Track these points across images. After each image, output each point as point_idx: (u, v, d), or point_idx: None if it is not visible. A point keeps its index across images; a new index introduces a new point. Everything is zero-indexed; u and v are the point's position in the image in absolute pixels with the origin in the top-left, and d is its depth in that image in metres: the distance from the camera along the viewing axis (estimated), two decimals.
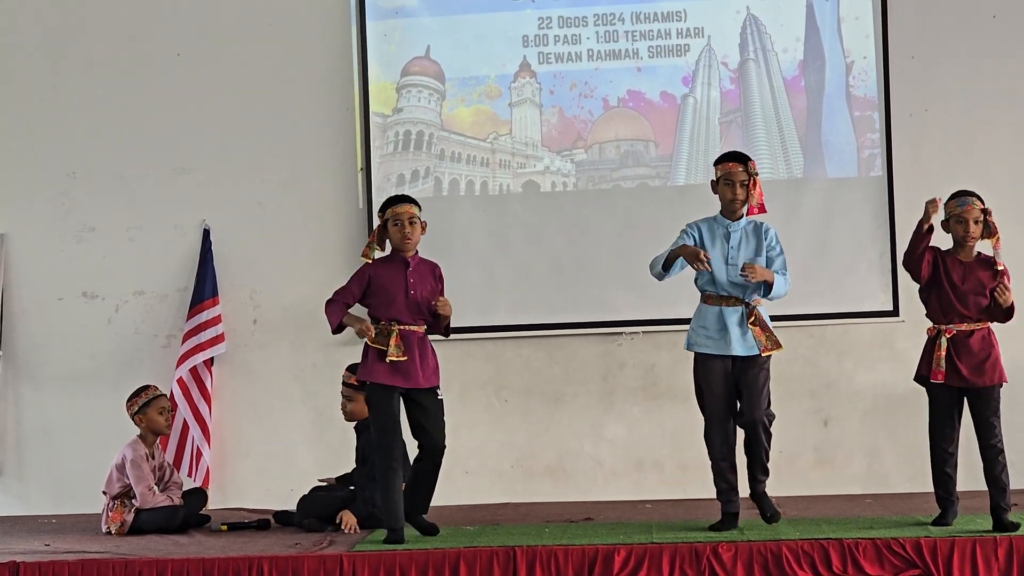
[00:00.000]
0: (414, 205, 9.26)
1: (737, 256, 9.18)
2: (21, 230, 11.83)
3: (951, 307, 9.14)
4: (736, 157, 9.30)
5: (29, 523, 10.89)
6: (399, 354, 9.08)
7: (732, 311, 9.18)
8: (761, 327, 9.13)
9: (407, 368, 9.12)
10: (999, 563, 8.55)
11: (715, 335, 9.21)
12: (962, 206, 9.12)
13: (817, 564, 8.60)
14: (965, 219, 9.10)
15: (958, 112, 11.48)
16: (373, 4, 11.71)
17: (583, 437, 11.63)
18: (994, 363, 9.12)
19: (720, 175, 9.27)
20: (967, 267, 9.17)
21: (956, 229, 9.16)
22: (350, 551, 8.91)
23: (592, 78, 11.70)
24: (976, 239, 9.13)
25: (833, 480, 11.28)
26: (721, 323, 9.19)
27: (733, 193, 9.21)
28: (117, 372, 11.46)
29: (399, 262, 9.27)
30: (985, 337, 9.14)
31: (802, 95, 11.62)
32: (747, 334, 9.14)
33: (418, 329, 9.22)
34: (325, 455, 11.16)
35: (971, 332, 9.11)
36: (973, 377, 9.09)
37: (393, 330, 9.14)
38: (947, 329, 9.12)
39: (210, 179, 11.77)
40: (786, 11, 11.62)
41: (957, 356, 9.09)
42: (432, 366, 9.26)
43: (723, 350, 9.17)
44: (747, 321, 9.14)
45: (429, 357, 9.25)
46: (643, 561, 8.65)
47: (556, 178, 11.73)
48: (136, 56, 11.81)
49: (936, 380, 9.11)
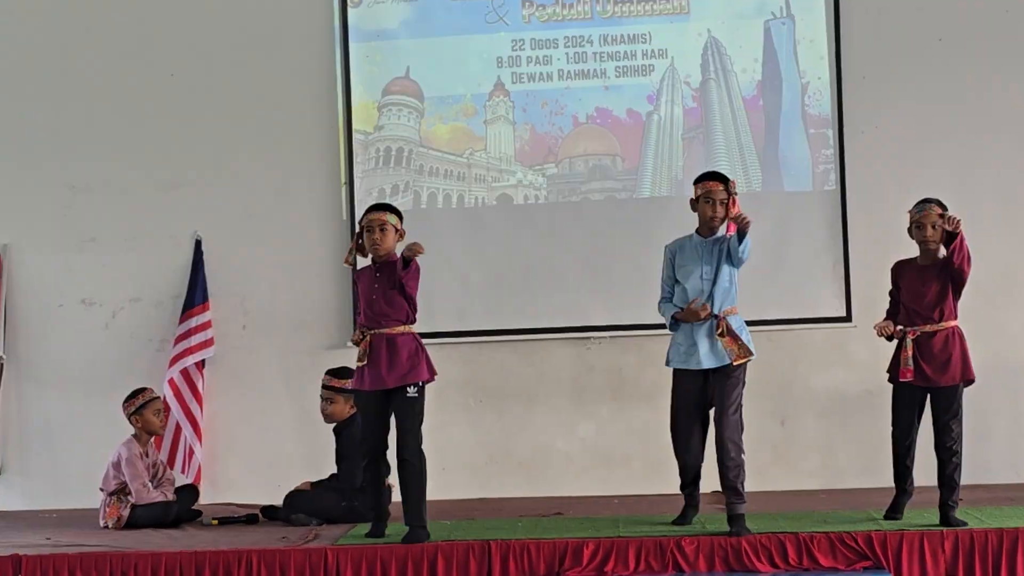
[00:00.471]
0: (387, 212, 9.18)
1: (707, 270, 9.04)
2: (24, 240, 11.78)
3: (914, 312, 9.15)
4: (716, 176, 9.20)
5: (30, 518, 10.87)
6: (363, 358, 9.06)
7: (699, 325, 9.03)
8: (731, 337, 8.99)
9: (373, 372, 9.04)
10: (945, 556, 8.59)
11: (685, 350, 9.11)
12: (920, 212, 9.15)
13: (775, 556, 8.62)
14: (923, 224, 9.10)
15: (906, 129, 11.46)
16: (356, 27, 11.68)
17: (555, 435, 11.59)
18: (957, 363, 9.09)
19: (700, 193, 9.13)
20: (925, 271, 9.17)
21: (916, 234, 9.18)
22: (334, 544, 8.94)
23: (562, 96, 11.67)
24: (936, 242, 9.11)
25: (790, 476, 11.27)
26: (691, 338, 9.07)
27: (713, 211, 9.06)
28: (114, 375, 11.39)
29: (371, 270, 9.21)
30: (948, 338, 9.10)
31: (760, 113, 11.60)
32: (716, 345, 9.00)
33: (387, 330, 9.07)
34: (310, 453, 11.08)
35: (934, 333, 9.08)
36: (936, 376, 9.07)
37: (365, 336, 9.11)
38: (911, 331, 9.09)
39: (202, 192, 11.74)
40: (745, 34, 11.59)
41: (921, 357, 9.09)
42: (404, 366, 9.05)
43: (693, 364, 9.06)
44: (715, 332, 8.99)
45: (401, 356, 9.06)
46: (610, 554, 8.67)
47: (528, 191, 11.69)
48: (132, 77, 11.78)
49: (904, 379, 9.11)
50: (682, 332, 9.11)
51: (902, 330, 9.14)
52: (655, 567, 8.58)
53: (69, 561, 8.79)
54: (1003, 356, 11.12)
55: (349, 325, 11.35)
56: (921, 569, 8.52)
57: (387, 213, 9.15)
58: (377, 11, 11.68)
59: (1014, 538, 8.52)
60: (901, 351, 9.14)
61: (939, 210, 9.05)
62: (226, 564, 8.72)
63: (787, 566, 8.55)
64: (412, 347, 9.11)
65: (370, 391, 9.07)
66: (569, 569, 8.59)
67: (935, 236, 9.06)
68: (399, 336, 9.09)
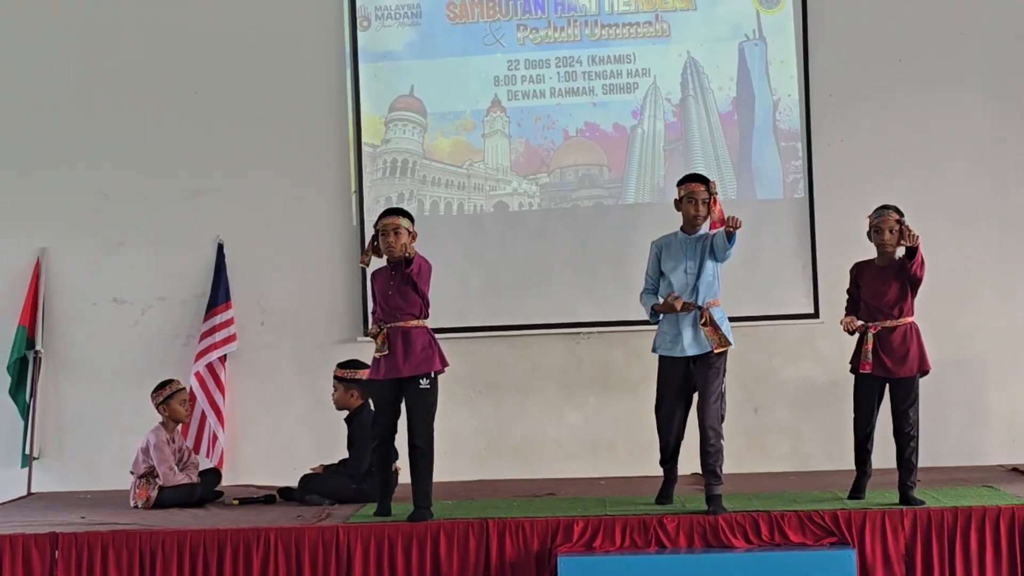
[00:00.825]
0: (400, 216, 9.19)
1: (691, 264, 9.10)
2: (60, 244, 11.78)
3: (875, 309, 9.20)
4: (699, 178, 9.25)
5: (67, 498, 10.83)
6: (383, 350, 9.10)
7: (685, 316, 9.09)
8: (713, 327, 9.04)
9: (390, 361, 9.09)
10: (904, 532, 8.63)
11: (671, 338, 9.15)
12: (879, 217, 9.22)
13: (748, 533, 8.67)
14: (882, 228, 9.17)
15: (869, 142, 11.50)
16: (365, 49, 11.70)
17: (546, 423, 11.63)
18: (914, 356, 9.16)
19: (684, 194, 9.18)
20: (884, 272, 9.23)
21: (874, 238, 9.24)
22: (345, 523, 8.95)
23: (554, 112, 11.70)
24: (893, 246, 9.18)
25: (762, 460, 11.28)
26: (676, 328, 9.12)
27: (696, 210, 9.12)
28: (143, 368, 11.38)
29: (387, 270, 9.26)
30: (906, 333, 9.16)
31: (735, 127, 11.63)
32: (699, 335, 9.05)
33: (403, 324, 9.15)
34: (322, 438, 11.11)
35: (893, 328, 9.14)
36: (895, 368, 9.13)
37: (382, 329, 9.15)
38: (872, 326, 9.16)
39: (223, 200, 11.75)
40: (721, 55, 11.63)
41: (882, 350, 9.14)
42: (418, 356, 9.14)
43: (678, 351, 9.11)
44: (699, 323, 9.06)
45: (415, 348, 9.14)
46: (598, 531, 8.70)
47: (523, 199, 11.73)
48: (160, 94, 11.79)
49: (864, 370, 9.16)
50: (668, 321, 9.14)
51: (864, 325, 9.23)
52: (639, 543, 8.62)
53: (102, 538, 8.80)
54: (956, 351, 11.16)
55: (358, 322, 11.44)
56: (883, 544, 8.57)
57: (400, 217, 9.17)
58: (384, 34, 11.71)
59: (967, 515, 8.59)
60: (862, 345, 9.19)
61: (896, 216, 9.12)
62: (246, 541, 8.74)
63: (760, 542, 8.60)
64: (425, 340, 9.18)
65: (385, 379, 9.14)
66: (560, 545, 8.61)
67: (892, 240, 9.12)
68: (413, 329, 9.16)
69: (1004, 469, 10.75)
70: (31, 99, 11.84)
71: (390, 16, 11.75)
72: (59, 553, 8.79)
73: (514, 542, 8.71)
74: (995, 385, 11.36)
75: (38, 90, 11.85)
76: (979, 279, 11.39)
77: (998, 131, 11.47)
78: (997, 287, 11.39)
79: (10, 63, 11.88)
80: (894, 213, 9.17)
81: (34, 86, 11.85)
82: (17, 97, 11.86)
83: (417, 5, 11.75)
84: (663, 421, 9.29)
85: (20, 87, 11.86)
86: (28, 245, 11.75)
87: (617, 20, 11.69)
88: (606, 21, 11.69)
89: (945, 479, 10.09)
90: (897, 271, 9.17)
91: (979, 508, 8.66)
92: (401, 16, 11.75)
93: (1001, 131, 11.47)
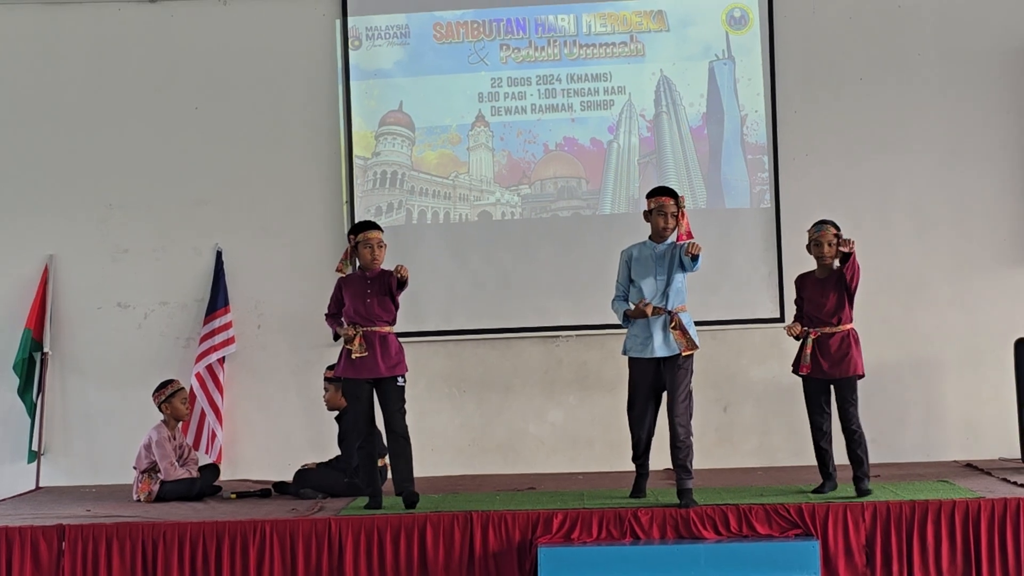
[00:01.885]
0: (380, 231, 9.35)
1: (661, 270, 9.09)
2: (67, 251, 11.74)
3: (815, 316, 9.26)
4: (667, 191, 9.25)
5: (73, 492, 10.84)
6: (361, 351, 9.16)
7: (655, 320, 9.07)
8: (681, 331, 9.03)
9: (369, 362, 9.16)
10: (865, 524, 8.66)
11: (641, 341, 9.14)
12: (818, 232, 9.31)
13: (718, 525, 8.68)
14: (821, 242, 9.26)
15: (832, 155, 11.51)
16: (356, 67, 11.68)
17: (528, 420, 11.61)
18: (850, 360, 9.19)
19: (653, 207, 9.17)
20: (823, 283, 9.29)
21: (814, 251, 9.32)
22: (337, 515, 8.94)
23: (535, 127, 11.70)
24: (831, 258, 9.24)
25: (731, 455, 11.29)
26: (647, 331, 9.10)
27: (664, 222, 9.12)
28: (145, 369, 11.34)
29: (360, 277, 9.34)
30: (844, 339, 9.22)
31: (705, 141, 11.63)
32: (668, 337, 9.04)
33: (379, 329, 9.23)
34: (315, 436, 11.11)
35: (832, 334, 9.18)
36: (832, 371, 9.19)
37: (358, 332, 9.19)
38: (813, 332, 9.18)
39: (222, 209, 11.72)
40: (692, 74, 11.63)
41: (820, 354, 9.19)
42: (394, 359, 9.24)
43: (647, 353, 9.10)
44: (670, 326, 9.05)
45: (391, 351, 9.24)
46: (576, 523, 8.70)
47: (505, 209, 11.70)
48: (162, 109, 11.77)
49: (802, 373, 9.24)
50: (639, 325, 9.11)
51: (806, 331, 9.26)
52: (615, 534, 8.63)
53: (107, 530, 8.80)
54: (916, 353, 11.22)
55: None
56: (844, 536, 8.59)
57: (380, 231, 9.34)
58: (375, 53, 11.69)
59: (924, 509, 8.61)
60: (803, 349, 9.24)
61: (834, 230, 9.22)
62: (243, 532, 8.74)
63: (729, 533, 8.60)
64: (397, 344, 9.32)
65: (364, 379, 9.20)
66: (541, 536, 8.61)
67: (830, 252, 9.20)
68: (388, 334, 9.27)
69: (959, 465, 10.77)
70: (41, 115, 11.80)
71: (380, 36, 11.72)
72: (66, 544, 8.78)
73: (497, 534, 8.70)
74: (952, 385, 11.36)
75: (47, 106, 11.81)
76: (937, 284, 11.39)
77: (954, 144, 11.48)
78: (954, 291, 11.39)
79: (20, 80, 11.84)
80: (832, 228, 9.25)
81: (43, 103, 11.81)
82: (28, 113, 11.81)
83: (406, 26, 11.73)
84: (635, 420, 9.28)
85: (30, 103, 11.82)
86: (37, 252, 11.70)
87: (594, 40, 11.67)
88: (584, 41, 11.67)
89: (904, 474, 10.10)
90: (835, 282, 9.23)
91: (935, 502, 8.68)
92: (391, 36, 11.73)
93: (958, 145, 11.48)
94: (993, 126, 11.45)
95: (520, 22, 11.71)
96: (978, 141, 11.46)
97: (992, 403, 11.13)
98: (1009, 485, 9.41)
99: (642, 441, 9.30)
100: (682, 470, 8.97)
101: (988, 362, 11.17)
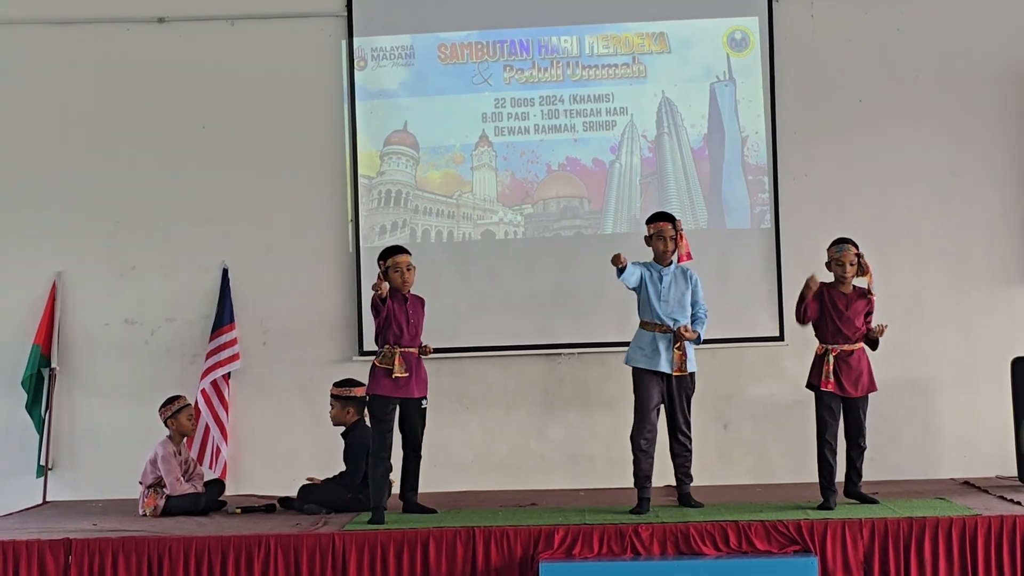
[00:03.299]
0: (409, 255, 9.58)
1: (668, 294, 9.38)
2: (76, 268, 11.74)
3: (837, 331, 9.34)
4: (666, 217, 9.51)
5: (79, 507, 10.81)
6: (403, 371, 9.38)
7: (663, 336, 9.35)
8: (682, 352, 9.30)
9: (406, 382, 9.41)
10: (863, 540, 8.65)
11: (649, 354, 9.35)
12: (840, 251, 9.39)
13: (718, 541, 8.67)
14: (843, 262, 9.36)
15: (832, 176, 11.53)
16: (361, 87, 11.69)
17: (529, 437, 11.61)
18: (867, 377, 9.36)
19: (653, 232, 9.46)
20: (848, 298, 9.37)
21: (836, 270, 9.42)
22: (341, 530, 8.93)
23: (538, 147, 11.71)
24: (852, 277, 9.34)
25: (730, 472, 11.28)
26: (654, 345, 9.34)
27: (665, 246, 9.41)
28: (152, 385, 11.36)
29: (400, 299, 9.50)
30: (860, 356, 9.35)
31: (706, 162, 11.64)
32: (672, 356, 9.31)
33: (414, 350, 9.50)
34: (320, 451, 11.08)
35: (851, 352, 9.28)
36: (852, 389, 9.29)
37: (396, 352, 9.37)
38: (833, 348, 9.23)
39: (228, 227, 11.73)
40: (693, 95, 11.66)
41: (839, 371, 9.27)
42: (423, 380, 9.59)
43: (654, 366, 9.30)
44: (673, 346, 9.28)
45: (421, 372, 9.58)
46: (578, 538, 8.70)
47: (508, 228, 11.72)
48: (169, 128, 11.78)
49: (826, 388, 9.29)
50: (647, 338, 9.38)
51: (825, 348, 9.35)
52: (616, 550, 8.62)
53: (113, 544, 8.79)
54: (912, 373, 11.21)
55: (355, 342, 11.48)
56: (843, 552, 8.58)
57: (409, 256, 9.59)
58: (380, 74, 11.71)
59: (922, 526, 8.61)
60: (823, 365, 9.30)
61: (855, 250, 9.32)
62: (248, 547, 8.73)
63: (728, 549, 8.60)
64: (424, 367, 9.61)
65: (395, 397, 9.42)
66: (542, 552, 8.61)
67: (852, 272, 9.30)
68: (419, 356, 9.55)
69: (956, 483, 10.74)
70: (49, 133, 11.82)
71: (385, 57, 11.75)
72: (72, 558, 8.78)
73: (499, 549, 8.71)
74: (948, 404, 11.37)
75: (55, 124, 11.82)
76: (935, 303, 11.42)
77: (953, 167, 11.51)
78: (952, 311, 11.42)
79: (29, 98, 11.86)
80: (853, 247, 9.36)
81: (52, 121, 11.82)
82: (36, 130, 11.83)
83: (411, 47, 11.76)
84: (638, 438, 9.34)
85: (39, 121, 11.83)
86: (45, 269, 11.71)
87: (597, 62, 11.70)
88: (586, 63, 11.70)
89: (901, 491, 10.09)
90: (858, 298, 9.33)
91: (932, 519, 8.69)
92: (396, 57, 11.76)
93: (955, 167, 11.51)
94: (990, 147, 11.48)
95: (524, 43, 11.75)
96: (975, 162, 11.49)
97: (989, 421, 11.13)
98: (1006, 503, 9.40)
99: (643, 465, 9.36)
100: (687, 476, 9.38)
101: (985, 381, 11.17)
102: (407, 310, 9.49)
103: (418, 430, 9.59)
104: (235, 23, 11.80)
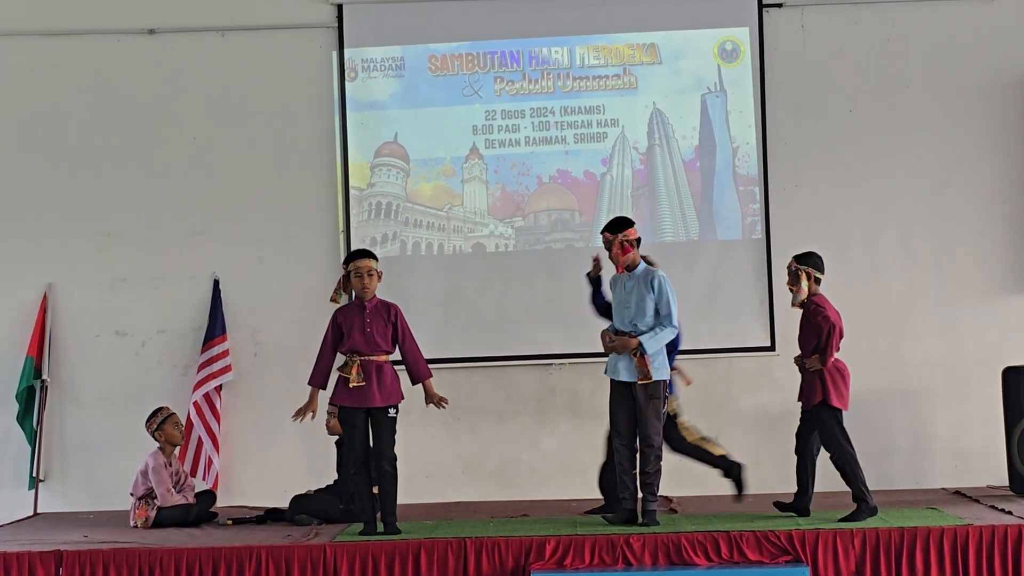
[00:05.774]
0: (372, 259, 9.39)
1: (629, 300, 9.29)
2: (66, 280, 11.75)
3: None
4: (609, 226, 9.49)
5: (70, 518, 10.81)
6: (359, 380, 9.22)
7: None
8: (642, 360, 9.16)
9: (365, 391, 9.22)
10: (855, 550, 8.66)
11: (612, 363, 9.35)
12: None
13: (709, 551, 8.68)
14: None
15: (822, 186, 11.56)
16: (352, 99, 11.70)
17: (521, 448, 11.62)
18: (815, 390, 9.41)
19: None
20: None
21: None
22: (332, 541, 8.93)
23: (528, 160, 11.72)
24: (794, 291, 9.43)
25: (722, 482, 11.13)
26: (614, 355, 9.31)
27: (610, 255, 9.39)
28: (143, 396, 11.31)
29: (358, 306, 9.36)
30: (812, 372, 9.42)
31: (697, 173, 11.66)
32: (631, 364, 9.22)
33: (375, 359, 9.28)
34: (311, 463, 11.14)
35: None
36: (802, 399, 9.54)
37: (355, 361, 9.24)
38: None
39: (219, 239, 11.74)
40: (684, 106, 11.67)
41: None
42: (388, 389, 9.31)
43: (615, 375, 9.32)
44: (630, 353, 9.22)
45: (386, 381, 9.30)
46: (569, 549, 8.69)
47: (499, 241, 11.73)
48: (160, 139, 11.79)
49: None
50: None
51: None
52: (607, 561, 8.63)
53: (104, 555, 8.78)
54: (903, 382, 11.26)
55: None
56: (834, 562, 8.59)
57: (372, 260, 9.36)
58: (370, 85, 11.72)
59: (913, 535, 8.62)
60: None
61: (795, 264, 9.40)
62: (239, 558, 8.72)
63: (720, 560, 8.61)
64: (393, 373, 9.37)
65: (359, 408, 9.25)
66: (534, 562, 8.61)
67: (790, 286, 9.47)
68: (384, 363, 9.32)
69: (947, 492, 10.78)
70: (40, 144, 11.82)
71: (376, 68, 11.76)
72: (63, 570, 8.77)
73: (490, 560, 8.70)
74: (940, 413, 11.39)
75: (46, 135, 11.82)
76: (925, 313, 11.44)
77: (942, 176, 11.55)
78: (942, 320, 11.44)
79: (19, 109, 11.86)
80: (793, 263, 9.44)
81: (42, 132, 11.83)
82: (26, 142, 11.83)
83: (401, 58, 11.77)
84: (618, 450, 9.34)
85: (29, 132, 11.84)
86: (36, 280, 11.71)
87: (588, 73, 11.71)
88: (577, 74, 11.71)
89: (893, 501, 10.09)
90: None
91: (924, 528, 8.70)
92: (386, 69, 11.77)
93: (945, 176, 11.55)
94: (980, 157, 11.52)
95: (514, 55, 11.76)
96: (965, 172, 11.53)
97: (980, 431, 11.16)
98: (997, 512, 9.43)
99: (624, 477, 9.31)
100: (650, 493, 9.15)
101: (976, 391, 11.20)
102: (364, 319, 9.31)
103: (384, 440, 9.28)
104: (226, 35, 11.81)
